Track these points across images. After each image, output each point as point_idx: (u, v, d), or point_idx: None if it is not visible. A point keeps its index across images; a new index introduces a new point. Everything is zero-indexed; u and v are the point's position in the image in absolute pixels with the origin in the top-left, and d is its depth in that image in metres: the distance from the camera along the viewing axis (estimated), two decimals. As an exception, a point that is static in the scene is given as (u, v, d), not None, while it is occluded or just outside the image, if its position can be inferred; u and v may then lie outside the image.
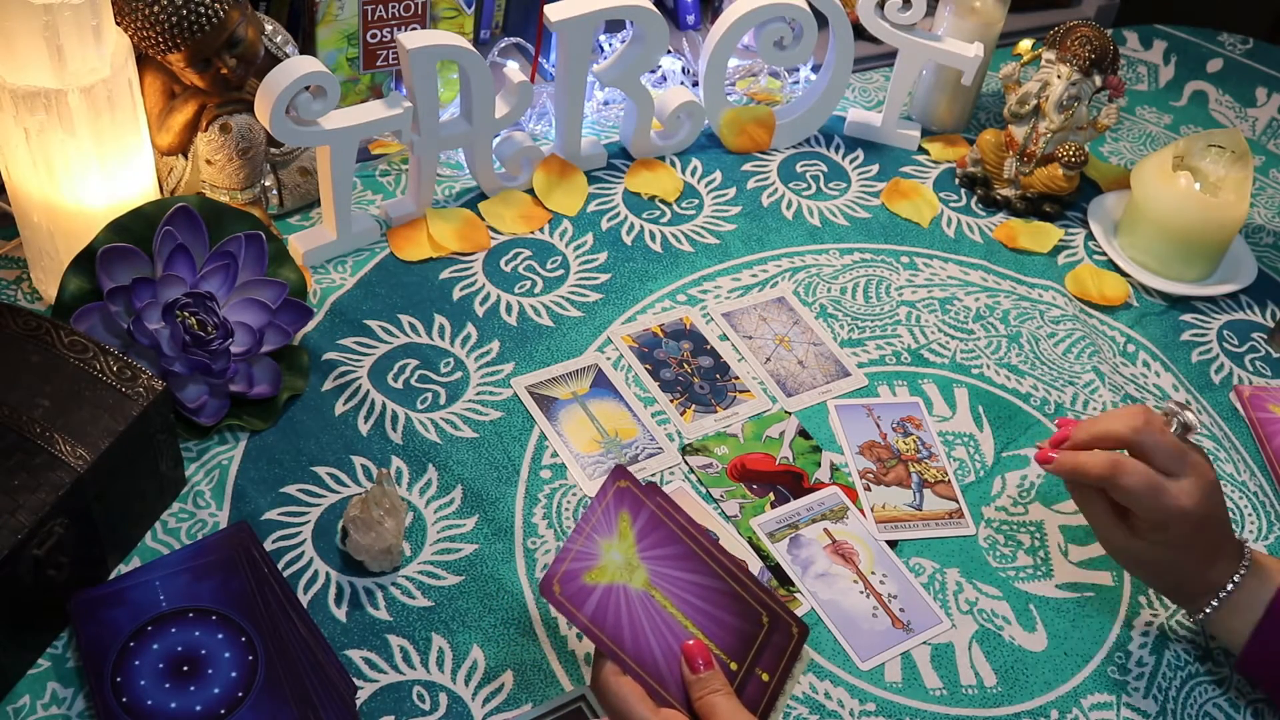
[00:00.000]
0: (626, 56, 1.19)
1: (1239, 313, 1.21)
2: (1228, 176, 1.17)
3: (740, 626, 0.74)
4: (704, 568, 0.76)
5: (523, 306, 1.09)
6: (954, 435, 1.04)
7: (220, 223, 0.96)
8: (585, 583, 0.74)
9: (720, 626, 0.74)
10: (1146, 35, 1.57)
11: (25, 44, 0.84)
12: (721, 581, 0.75)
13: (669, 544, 0.76)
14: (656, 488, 0.78)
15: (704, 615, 0.74)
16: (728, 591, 0.75)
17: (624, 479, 0.77)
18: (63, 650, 0.81)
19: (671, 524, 0.77)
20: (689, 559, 0.76)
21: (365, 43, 1.17)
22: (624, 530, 0.76)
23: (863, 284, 1.16)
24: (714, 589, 0.75)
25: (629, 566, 0.75)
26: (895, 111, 1.31)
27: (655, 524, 0.76)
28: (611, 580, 0.74)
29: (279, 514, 0.90)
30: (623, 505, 0.76)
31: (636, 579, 0.75)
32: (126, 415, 0.81)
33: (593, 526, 0.75)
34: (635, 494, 0.77)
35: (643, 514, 0.76)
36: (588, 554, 0.75)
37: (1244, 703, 0.88)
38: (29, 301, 1.02)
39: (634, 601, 0.74)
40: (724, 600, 0.75)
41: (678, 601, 0.75)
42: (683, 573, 0.76)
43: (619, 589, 0.74)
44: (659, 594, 0.75)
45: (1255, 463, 1.06)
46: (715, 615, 0.75)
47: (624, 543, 0.75)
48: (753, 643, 0.74)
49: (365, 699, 0.81)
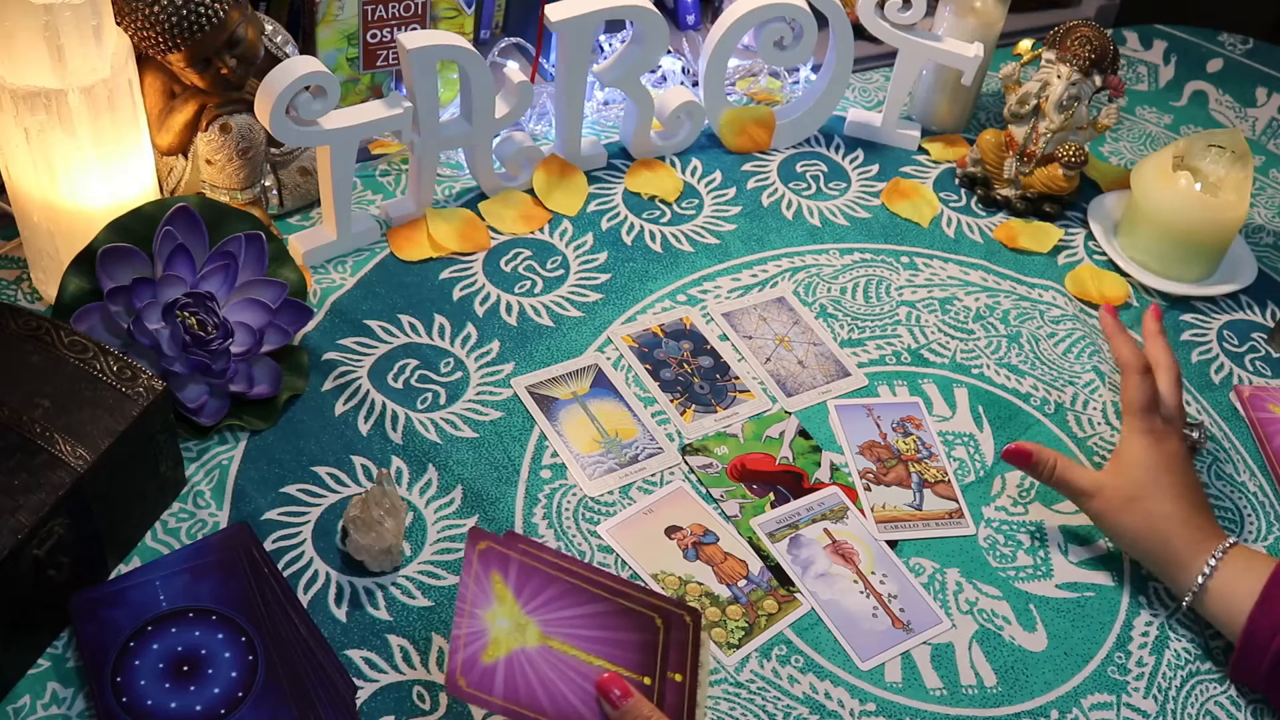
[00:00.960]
0: (626, 56, 1.19)
1: (1239, 313, 1.21)
2: (1228, 176, 1.17)
3: (639, 638, 0.73)
4: (586, 596, 0.74)
5: (523, 306, 1.09)
6: (954, 435, 1.04)
7: (220, 223, 0.96)
8: (485, 663, 0.72)
9: (622, 647, 0.73)
10: (1146, 35, 1.57)
11: (25, 44, 0.84)
12: (606, 602, 0.74)
13: (547, 588, 0.74)
14: (514, 534, 0.76)
15: (603, 644, 0.73)
16: (615, 609, 0.74)
17: (482, 540, 0.75)
18: (63, 650, 0.81)
19: (542, 565, 0.75)
20: (569, 594, 0.74)
21: (365, 43, 1.17)
22: (501, 592, 0.74)
23: (863, 284, 1.16)
24: (602, 613, 0.74)
25: (519, 627, 0.73)
26: (895, 111, 1.31)
27: (527, 573, 0.75)
28: (509, 649, 0.72)
29: (279, 514, 0.90)
30: (490, 567, 0.75)
31: (530, 636, 0.73)
32: (126, 415, 0.81)
33: (471, 602, 0.74)
34: (498, 550, 0.75)
35: (511, 568, 0.74)
36: (476, 633, 0.73)
37: (1244, 702, 0.88)
38: (29, 301, 1.02)
39: (536, 660, 0.72)
40: (615, 619, 0.74)
41: (575, 641, 0.73)
42: (569, 610, 0.74)
43: (518, 655, 0.72)
44: (555, 642, 0.73)
45: (1255, 463, 1.06)
46: (613, 638, 0.73)
47: (505, 605, 0.74)
48: (656, 650, 0.73)
49: (365, 699, 0.81)
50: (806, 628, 0.88)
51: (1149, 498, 0.90)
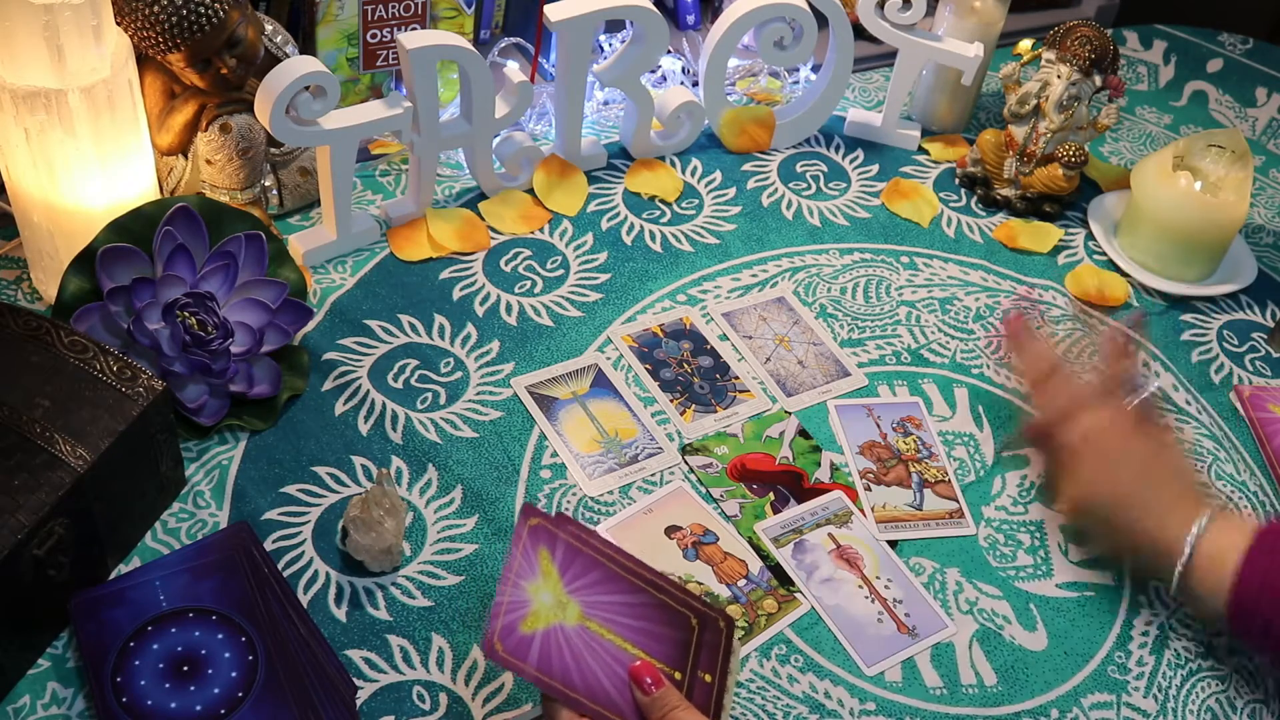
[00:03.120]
0: (626, 56, 1.19)
1: (1239, 313, 1.21)
2: (1228, 176, 1.17)
3: (674, 635, 0.74)
4: (627, 586, 0.75)
5: (523, 306, 1.09)
6: (954, 435, 1.04)
7: (220, 223, 0.96)
8: (523, 632, 0.73)
9: (657, 640, 0.74)
10: (1146, 35, 1.57)
11: (25, 44, 0.84)
12: (646, 595, 0.74)
13: (591, 571, 0.75)
14: (565, 517, 0.77)
15: (640, 633, 0.74)
16: (654, 603, 0.74)
17: (534, 517, 0.76)
18: (63, 650, 0.81)
19: (588, 550, 0.75)
20: (612, 581, 0.75)
21: (365, 43, 1.17)
22: (546, 568, 0.75)
23: (863, 284, 1.16)
24: (642, 604, 0.74)
25: (560, 604, 0.74)
26: (895, 111, 1.31)
27: (573, 554, 0.75)
28: (548, 623, 0.73)
29: (279, 514, 0.90)
30: (539, 543, 0.75)
31: (570, 615, 0.74)
32: (126, 415, 0.81)
33: (516, 573, 0.74)
34: (548, 529, 0.76)
35: (559, 547, 0.75)
36: (518, 603, 0.73)
37: (1242, 702, 0.88)
38: (29, 301, 1.02)
39: (573, 638, 0.73)
40: (653, 613, 0.74)
41: (614, 626, 0.74)
42: (610, 596, 0.75)
43: (556, 630, 0.73)
44: (594, 624, 0.74)
45: (1255, 463, 1.06)
46: (650, 630, 0.74)
47: (549, 581, 0.74)
48: (689, 648, 0.74)
49: (365, 699, 0.81)
50: (806, 627, 0.88)
51: (1123, 462, 0.88)
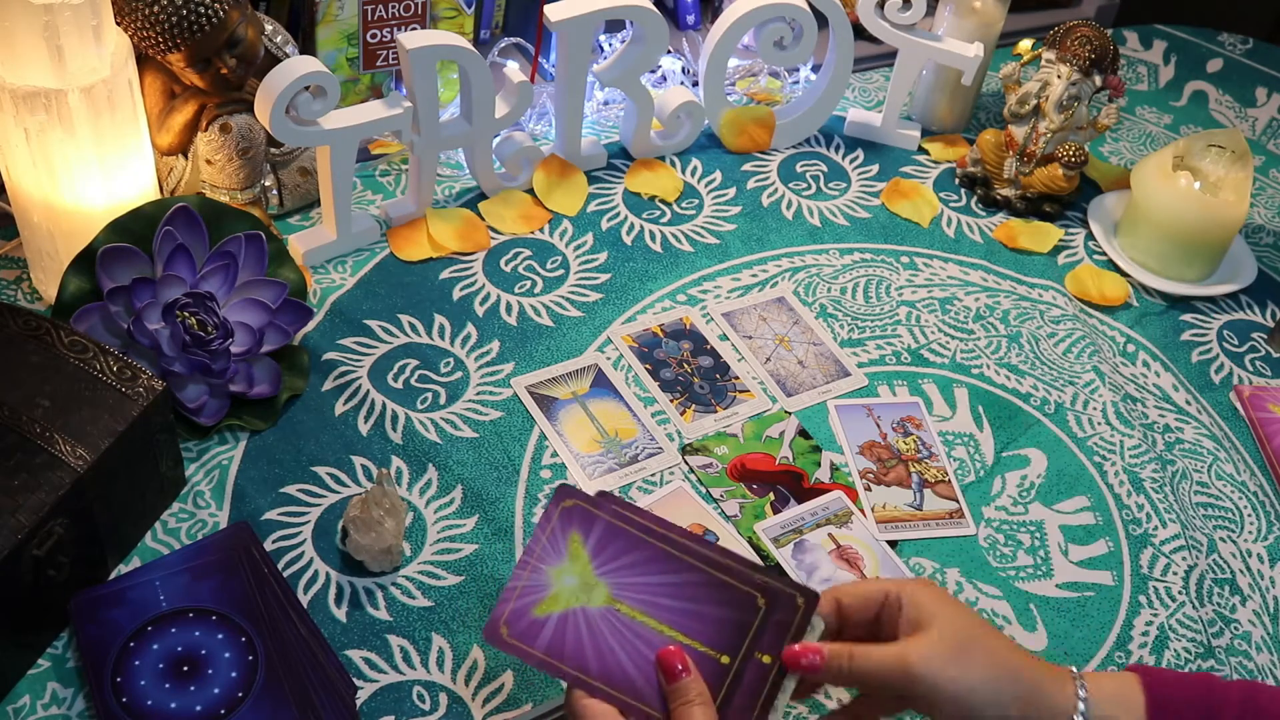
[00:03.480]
0: (626, 56, 1.19)
1: (1239, 313, 1.21)
2: (1228, 176, 1.17)
3: (729, 616, 0.71)
4: (677, 565, 0.72)
5: (523, 306, 1.09)
6: (954, 435, 1.04)
7: (220, 223, 0.96)
8: (535, 616, 0.71)
9: (704, 622, 0.71)
10: (1146, 35, 1.57)
11: (25, 44, 0.84)
12: (702, 574, 0.72)
13: (631, 551, 0.72)
14: (609, 495, 0.74)
15: (682, 614, 0.71)
16: (711, 582, 0.72)
17: (570, 498, 0.74)
18: (63, 650, 0.81)
19: (632, 528, 0.73)
20: (657, 560, 0.72)
21: (365, 43, 1.17)
22: (575, 551, 0.73)
23: (863, 284, 1.16)
24: (692, 583, 0.72)
25: (585, 587, 0.72)
26: (895, 111, 1.31)
27: (612, 534, 0.73)
28: (566, 606, 0.71)
29: (279, 514, 0.90)
30: (571, 526, 0.73)
31: (596, 597, 0.71)
32: (126, 415, 0.81)
33: (538, 557, 0.73)
34: (585, 509, 0.73)
35: (596, 528, 0.73)
36: (535, 587, 0.72)
37: (1244, 703, 0.88)
38: (29, 301, 1.02)
39: (595, 621, 0.71)
40: (706, 593, 0.72)
41: (648, 608, 0.71)
42: (651, 577, 0.72)
43: (576, 613, 0.71)
44: (624, 606, 0.71)
45: (1255, 463, 1.06)
46: (696, 611, 0.71)
47: (577, 564, 0.72)
48: (748, 630, 0.71)
49: (365, 699, 0.81)
50: (806, 628, 0.88)
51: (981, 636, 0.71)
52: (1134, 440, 1.05)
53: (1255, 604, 0.95)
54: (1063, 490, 1.01)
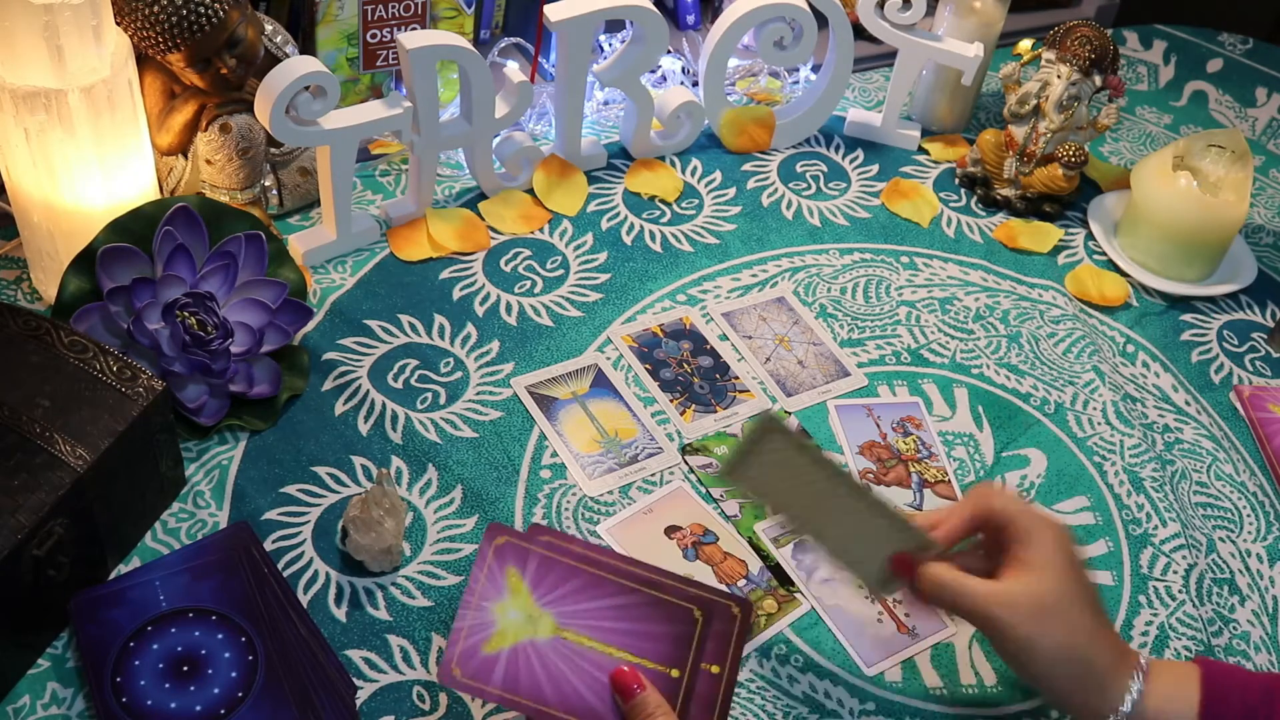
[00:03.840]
0: (626, 56, 1.19)
1: (1239, 313, 1.21)
2: (1228, 176, 1.17)
3: (671, 631, 0.72)
4: (614, 588, 0.74)
5: (523, 306, 1.09)
6: (954, 435, 1.04)
7: (220, 223, 0.96)
8: (486, 654, 0.72)
9: (649, 639, 0.72)
10: (1146, 35, 1.57)
11: (25, 44, 0.84)
12: (636, 594, 0.73)
13: (568, 580, 0.74)
14: (539, 527, 0.76)
15: (628, 635, 0.72)
16: (645, 601, 0.73)
17: (501, 535, 0.75)
18: (63, 650, 0.81)
19: (565, 558, 0.75)
20: (594, 586, 0.74)
21: (365, 43, 1.17)
22: (515, 586, 0.74)
23: (863, 284, 1.16)
24: (631, 605, 0.73)
25: (530, 620, 0.73)
26: (895, 111, 1.31)
27: (547, 566, 0.74)
28: (515, 640, 0.72)
29: (279, 514, 0.90)
30: (506, 562, 0.74)
31: (543, 628, 0.72)
32: (126, 415, 0.81)
33: (480, 595, 0.73)
34: (517, 545, 0.74)
35: (531, 562, 0.74)
36: (481, 625, 0.73)
37: (1244, 703, 0.88)
38: (29, 301, 1.02)
39: (546, 651, 0.72)
40: (646, 611, 0.73)
41: (595, 633, 0.73)
42: (591, 602, 0.74)
43: (525, 646, 0.72)
44: (571, 633, 0.72)
45: (1255, 463, 1.06)
46: (640, 630, 0.73)
47: (518, 598, 0.73)
48: (690, 643, 0.73)
49: (365, 699, 0.81)
50: (806, 627, 0.88)
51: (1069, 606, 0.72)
52: (1134, 440, 1.05)
53: (1254, 604, 0.95)
54: (1063, 490, 1.01)
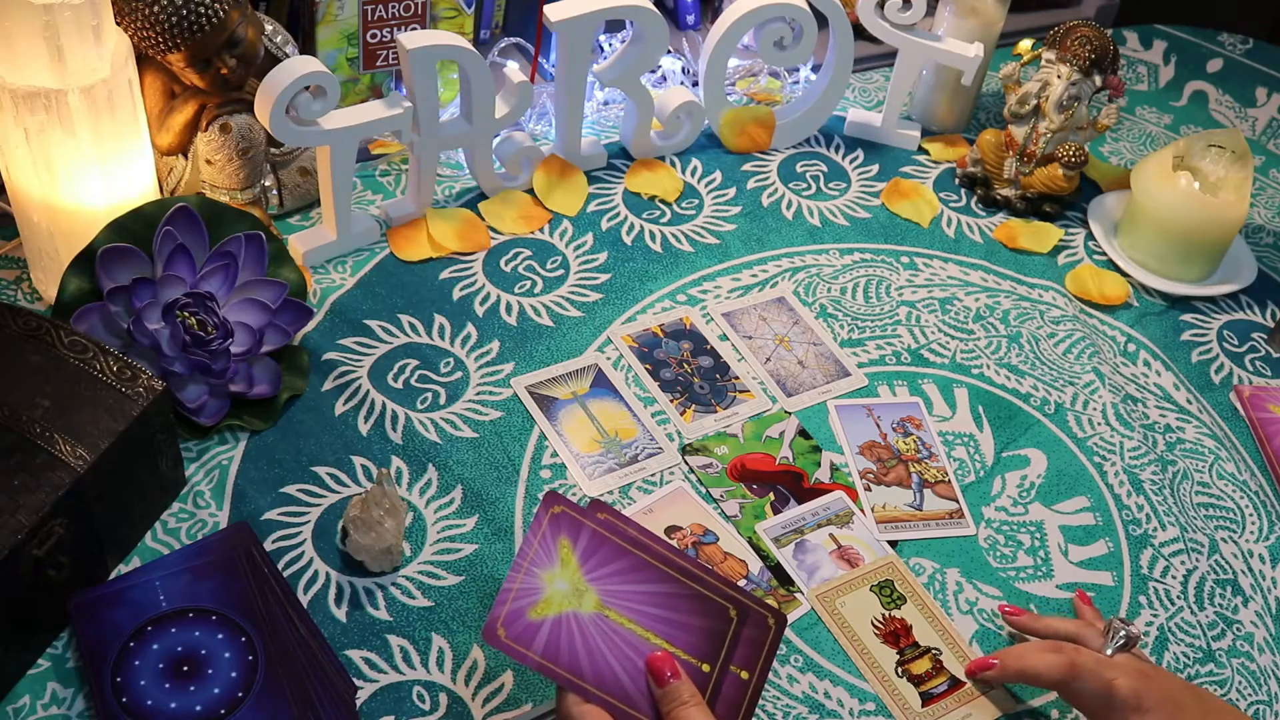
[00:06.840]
0: (626, 56, 1.19)
1: (1239, 313, 1.21)
2: (1228, 176, 1.17)
3: (707, 626, 0.73)
4: (658, 575, 0.74)
5: (523, 306, 1.09)
6: (954, 435, 1.04)
7: (220, 223, 0.96)
8: (531, 619, 0.72)
9: (686, 630, 0.73)
10: (1146, 35, 1.57)
11: (25, 44, 0.84)
12: (680, 585, 0.74)
13: (616, 559, 0.74)
14: (598, 504, 0.76)
15: (666, 623, 0.73)
16: (688, 593, 0.74)
17: (558, 504, 0.75)
18: (63, 650, 0.81)
19: (617, 538, 0.75)
20: (640, 570, 0.74)
21: (365, 43, 1.17)
22: (565, 557, 0.74)
23: (863, 284, 1.16)
24: (673, 594, 0.74)
25: (576, 592, 0.73)
26: (895, 111, 1.31)
27: (599, 543, 0.74)
28: (560, 610, 0.72)
29: (279, 514, 0.90)
30: (560, 532, 0.74)
31: (586, 603, 0.73)
32: (126, 415, 0.81)
33: (531, 560, 0.74)
34: (572, 517, 0.75)
35: (583, 536, 0.74)
36: (529, 590, 0.73)
37: (1245, 704, 0.88)
38: (29, 301, 1.02)
39: (587, 626, 0.72)
40: (685, 603, 0.74)
41: (635, 615, 0.73)
42: (636, 585, 0.74)
43: (569, 617, 0.72)
44: (613, 613, 0.73)
45: (1255, 463, 1.06)
46: (678, 620, 0.73)
47: (567, 569, 0.73)
48: (723, 640, 0.73)
49: (365, 699, 0.81)
50: (806, 627, 0.88)
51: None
52: (1134, 441, 1.05)
53: (1257, 605, 0.95)
54: (1063, 491, 1.01)
